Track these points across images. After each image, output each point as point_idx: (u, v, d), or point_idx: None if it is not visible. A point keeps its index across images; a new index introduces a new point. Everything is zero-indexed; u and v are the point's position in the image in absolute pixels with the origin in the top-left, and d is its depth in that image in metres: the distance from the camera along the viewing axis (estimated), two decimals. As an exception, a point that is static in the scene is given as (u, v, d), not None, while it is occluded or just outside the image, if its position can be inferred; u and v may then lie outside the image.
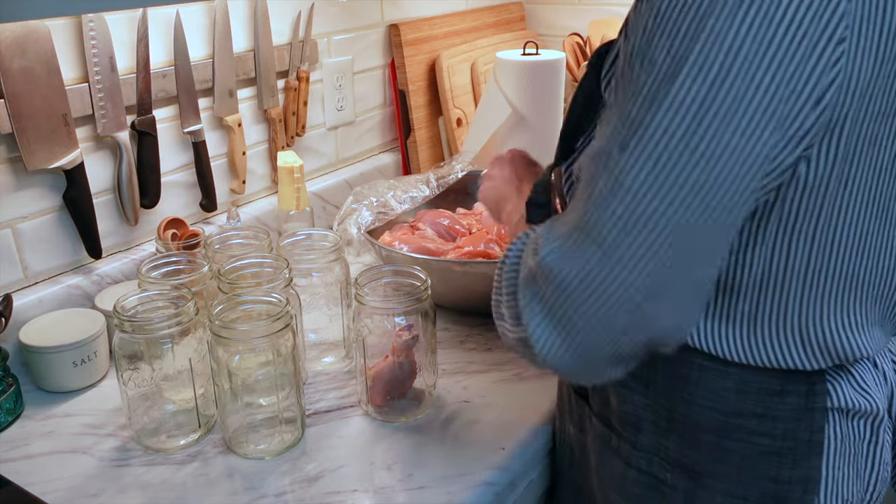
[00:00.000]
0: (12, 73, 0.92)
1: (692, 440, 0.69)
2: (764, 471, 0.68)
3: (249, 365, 0.81)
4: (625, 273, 0.54)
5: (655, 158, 0.52)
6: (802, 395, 0.66)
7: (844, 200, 0.59)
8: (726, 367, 0.66)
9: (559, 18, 1.85)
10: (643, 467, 0.73)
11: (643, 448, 0.72)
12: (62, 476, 0.80)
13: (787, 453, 0.67)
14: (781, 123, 0.52)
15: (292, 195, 1.15)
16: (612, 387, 0.74)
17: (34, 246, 1.02)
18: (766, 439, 0.67)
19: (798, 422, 0.66)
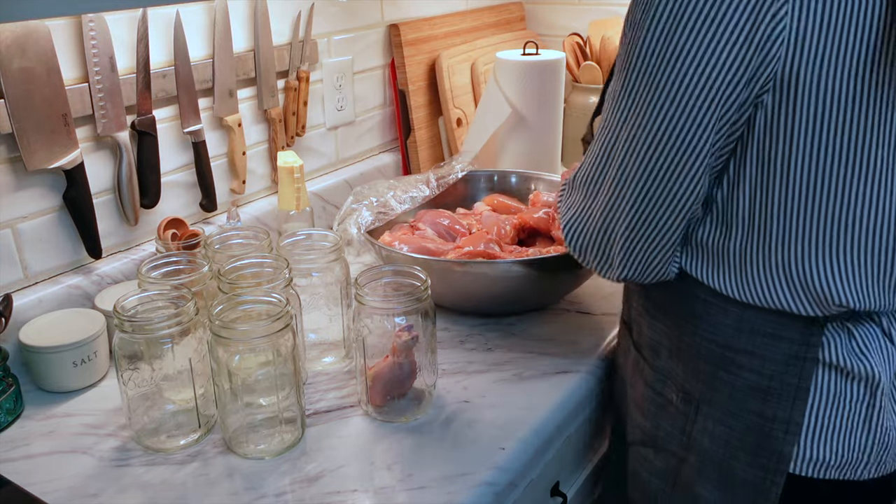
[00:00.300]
0: (12, 73, 0.92)
1: (693, 368, 0.79)
2: (750, 405, 0.75)
3: (249, 365, 0.81)
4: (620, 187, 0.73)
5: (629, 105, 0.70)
6: (795, 342, 0.71)
7: (819, 150, 0.65)
8: (726, 305, 0.75)
9: (559, 18, 1.85)
10: (658, 388, 0.84)
11: (659, 371, 0.84)
12: (62, 476, 0.80)
13: (773, 393, 0.73)
14: (730, 67, 0.63)
15: (292, 195, 1.15)
16: (643, 317, 0.87)
17: (34, 246, 1.02)
18: (754, 376, 0.74)
19: (787, 366, 0.72)
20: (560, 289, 1.12)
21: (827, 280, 0.68)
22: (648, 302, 0.87)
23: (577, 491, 1.04)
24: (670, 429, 0.84)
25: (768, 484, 0.76)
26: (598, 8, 1.78)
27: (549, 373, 0.97)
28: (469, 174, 1.36)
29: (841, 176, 0.65)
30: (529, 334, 1.06)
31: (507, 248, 1.13)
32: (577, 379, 0.95)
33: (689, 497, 0.83)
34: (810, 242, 0.68)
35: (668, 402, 0.83)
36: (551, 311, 1.12)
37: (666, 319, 0.83)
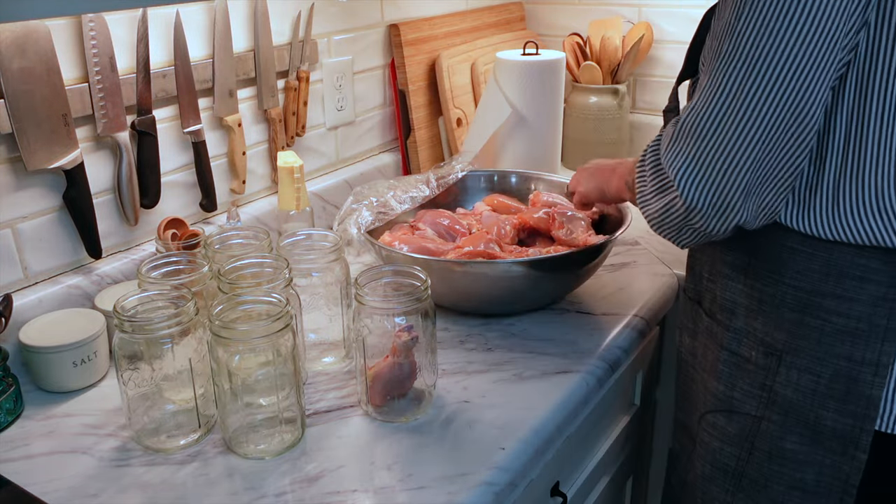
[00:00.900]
0: (12, 73, 0.92)
1: (777, 318, 0.80)
2: (839, 349, 0.76)
3: (249, 365, 0.81)
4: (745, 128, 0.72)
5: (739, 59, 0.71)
6: (884, 284, 0.73)
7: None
8: (814, 249, 0.76)
9: (559, 18, 1.85)
10: (733, 348, 0.84)
11: (735, 330, 0.85)
12: (62, 476, 0.80)
13: (862, 335, 0.74)
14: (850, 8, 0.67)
15: (292, 195, 1.15)
16: (718, 280, 0.87)
17: (34, 246, 1.02)
18: (843, 319, 0.75)
19: (875, 307, 0.74)
20: (560, 289, 1.12)
21: None
22: (725, 265, 0.87)
23: (577, 491, 1.04)
24: (748, 388, 0.84)
25: (857, 432, 0.76)
26: (598, 8, 1.78)
27: (549, 373, 0.97)
28: (469, 174, 1.36)
29: None
30: (529, 334, 1.06)
31: (507, 248, 1.13)
32: (577, 379, 0.95)
33: (772, 457, 0.83)
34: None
35: (745, 360, 0.84)
36: (551, 311, 1.12)
37: (745, 278, 0.83)
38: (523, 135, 1.50)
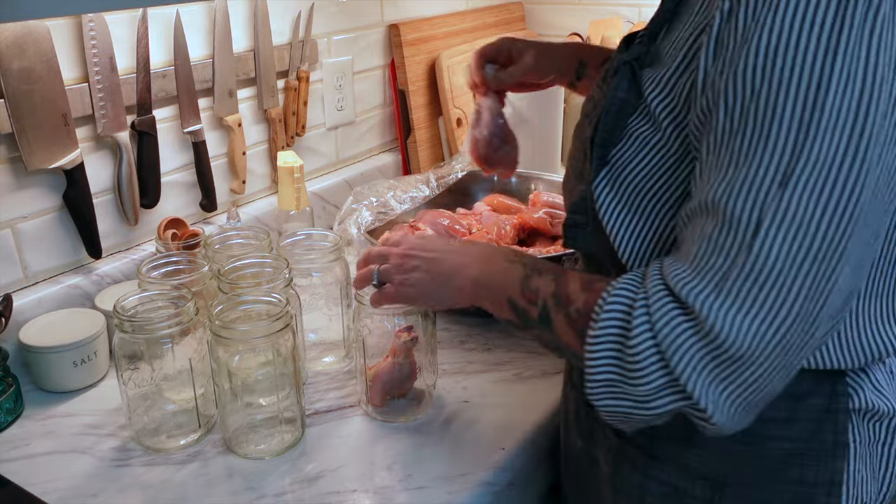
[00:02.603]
0: (12, 73, 0.92)
1: (716, 450, 0.67)
2: (789, 474, 0.67)
3: (249, 365, 0.81)
4: (812, 305, 0.53)
5: (822, 183, 0.51)
6: (826, 396, 0.65)
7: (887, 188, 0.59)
8: None
9: (559, 18, 1.85)
10: (663, 478, 0.71)
11: (661, 458, 0.70)
12: (62, 476, 0.80)
13: (811, 455, 0.66)
14: None
15: (292, 195, 1.15)
16: None
17: (34, 246, 1.02)
18: (791, 443, 0.66)
19: (820, 423, 0.66)
20: (560, 289, 1.12)
21: (881, 330, 0.64)
22: None
23: (577, 491, 1.05)
24: None
25: None
26: (598, 8, 1.78)
27: (549, 373, 0.97)
28: (469, 174, 1.35)
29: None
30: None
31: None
32: (577, 379, 0.96)
33: None
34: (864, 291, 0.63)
35: (681, 492, 0.70)
36: (551, 311, 1.12)
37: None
38: (523, 135, 1.49)
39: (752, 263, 0.52)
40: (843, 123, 0.50)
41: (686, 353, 0.55)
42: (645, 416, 0.59)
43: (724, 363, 0.54)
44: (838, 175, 0.51)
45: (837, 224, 0.51)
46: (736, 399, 0.56)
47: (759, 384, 0.55)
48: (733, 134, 0.54)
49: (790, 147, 0.51)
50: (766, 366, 0.54)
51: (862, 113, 0.50)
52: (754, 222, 0.52)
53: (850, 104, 0.50)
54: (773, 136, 0.52)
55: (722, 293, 0.53)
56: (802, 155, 0.51)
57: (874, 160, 0.51)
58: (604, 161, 0.65)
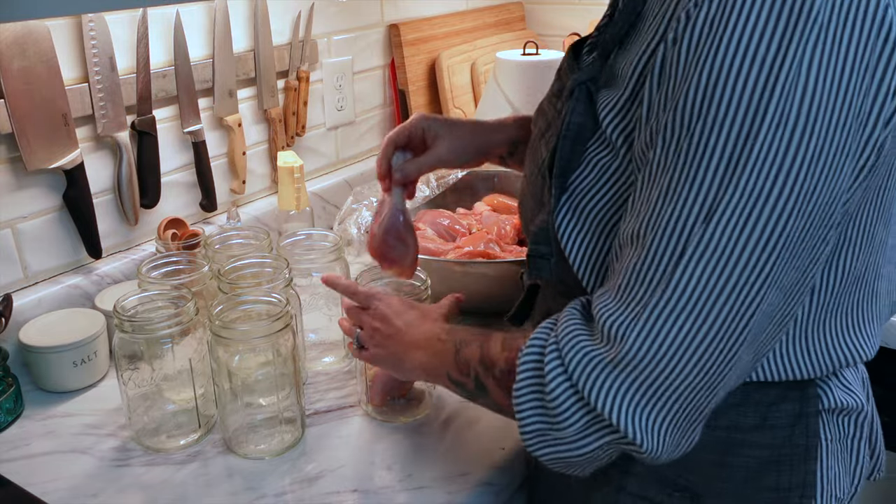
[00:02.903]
0: (12, 73, 0.92)
1: (691, 461, 0.66)
2: (765, 481, 0.67)
3: (249, 365, 0.81)
4: (730, 332, 0.53)
5: (745, 220, 0.51)
6: (797, 400, 0.66)
7: (861, 206, 0.59)
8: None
9: (559, 18, 1.85)
10: (637, 492, 0.70)
11: (637, 473, 0.70)
12: (62, 476, 0.80)
13: (785, 460, 0.67)
14: (857, 154, 0.52)
15: (292, 195, 1.15)
16: None
17: (34, 246, 1.02)
18: (766, 450, 0.66)
19: (793, 427, 0.66)
20: (560, 289, 1.12)
21: (848, 340, 0.64)
22: None
23: (577, 491, 1.04)
24: None
25: None
26: (598, 8, 1.78)
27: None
28: (469, 174, 1.35)
29: (872, 226, 0.61)
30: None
31: (507, 248, 1.13)
32: (577, 379, 0.95)
33: None
34: (832, 305, 0.63)
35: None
36: (551, 311, 1.12)
37: None
38: (523, 135, 1.50)
39: (671, 292, 0.53)
40: (773, 161, 0.50)
41: (603, 386, 0.55)
42: (582, 457, 0.59)
43: (643, 389, 0.54)
44: (763, 210, 0.51)
45: (759, 256, 0.51)
46: (662, 423, 0.55)
47: (684, 406, 0.55)
48: (665, 169, 0.54)
49: (717, 183, 0.51)
50: (686, 387, 0.54)
51: (792, 151, 0.50)
52: (677, 255, 0.53)
53: (780, 143, 0.50)
54: (702, 171, 0.51)
55: (640, 320, 0.54)
56: (728, 191, 0.51)
57: (806, 195, 0.51)
58: (563, 189, 0.64)
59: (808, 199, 0.51)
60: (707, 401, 0.56)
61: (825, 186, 0.51)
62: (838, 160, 0.51)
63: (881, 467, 0.77)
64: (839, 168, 0.51)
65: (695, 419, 0.57)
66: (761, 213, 0.51)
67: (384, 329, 0.78)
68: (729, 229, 0.51)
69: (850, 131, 0.51)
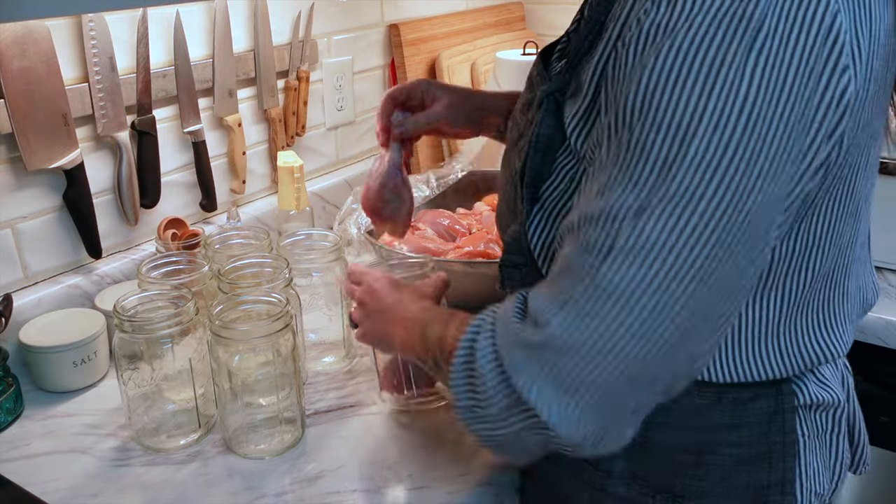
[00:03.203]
0: (12, 73, 0.92)
1: (669, 463, 0.68)
2: (743, 480, 0.67)
3: (249, 365, 0.81)
4: (655, 327, 0.53)
5: (676, 218, 0.51)
6: (771, 397, 0.66)
7: (826, 203, 0.59)
8: (702, 389, 0.65)
9: (559, 18, 1.85)
10: (621, 493, 0.70)
11: (618, 475, 0.70)
12: (62, 476, 0.80)
13: (763, 458, 0.67)
14: (799, 160, 0.52)
15: (292, 195, 1.15)
16: None
17: (34, 246, 1.02)
18: (741, 448, 0.67)
19: (769, 425, 0.66)
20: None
21: (821, 338, 0.65)
22: None
23: (577, 491, 1.04)
24: None
25: None
26: (598, 8, 1.78)
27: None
28: (469, 174, 1.35)
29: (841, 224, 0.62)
30: (529, 334, 1.06)
31: (507, 248, 1.13)
32: (577, 379, 0.95)
33: None
34: (804, 303, 0.63)
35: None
36: (551, 311, 1.12)
37: None
38: (523, 135, 1.50)
39: (596, 283, 0.53)
40: (708, 163, 0.50)
41: (524, 367, 0.55)
42: (507, 438, 0.59)
43: (562, 374, 0.54)
44: (695, 210, 0.51)
45: (688, 255, 0.51)
46: (577, 411, 0.55)
47: (603, 399, 0.54)
48: (604, 166, 0.54)
49: (651, 180, 0.51)
50: (605, 380, 0.54)
51: (729, 154, 0.50)
52: (606, 247, 0.53)
53: (716, 146, 0.50)
54: (638, 169, 0.52)
55: (564, 308, 0.54)
56: (661, 189, 0.51)
57: (741, 198, 0.51)
58: (535, 199, 0.65)
59: (743, 202, 0.51)
60: (631, 397, 0.55)
61: (761, 190, 0.51)
62: (777, 165, 0.51)
63: (866, 461, 0.78)
64: (777, 172, 0.51)
65: (618, 414, 0.56)
66: (693, 213, 0.51)
67: (371, 304, 0.79)
68: (659, 226, 0.51)
69: (792, 136, 0.51)
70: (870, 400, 1.10)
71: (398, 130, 0.87)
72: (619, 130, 0.53)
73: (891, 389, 1.11)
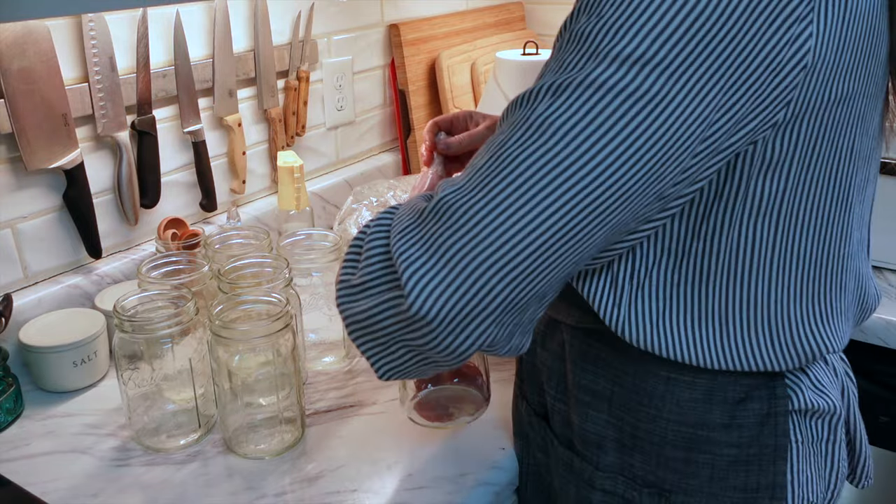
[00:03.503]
0: (12, 73, 0.93)
1: (659, 457, 0.68)
2: (732, 481, 0.67)
3: (249, 365, 0.81)
4: (541, 217, 0.51)
5: (591, 106, 0.50)
6: (765, 399, 0.66)
7: (807, 184, 0.59)
8: (694, 377, 0.65)
9: (559, 18, 1.85)
10: (608, 488, 0.71)
11: (607, 468, 0.70)
12: (62, 476, 0.80)
13: (754, 460, 0.66)
14: (727, 98, 0.51)
15: (292, 195, 1.15)
16: (574, 405, 0.72)
17: (34, 246, 1.02)
18: (733, 449, 0.66)
19: (762, 427, 0.66)
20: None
21: (812, 327, 0.64)
22: (578, 388, 0.71)
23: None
24: None
25: None
26: (598, 8, 1.78)
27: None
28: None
29: (828, 211, 0.61)
30: (529, 334, 1.06)
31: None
32: (577, 379, 0.95)
33: None
34: (797, 287, 0.62)
35: (626, 501, 0.70)
36: (551, 311, 1.12)
37: (611, 408, 0.69)
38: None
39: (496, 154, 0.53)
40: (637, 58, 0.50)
41: (403, 234, 0.55)
42: (364, 314, 0.58)
43: (439, 247, 0.53)
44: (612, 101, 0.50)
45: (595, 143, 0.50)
46: (446, 290, 0.52)
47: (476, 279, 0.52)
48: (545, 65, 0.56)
49: (579, 66, 0.51)
50: (482, 255, 0.52)
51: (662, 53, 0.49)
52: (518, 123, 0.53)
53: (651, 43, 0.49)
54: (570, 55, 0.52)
55: (462, 180, 0.54)
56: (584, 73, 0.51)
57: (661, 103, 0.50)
58: None
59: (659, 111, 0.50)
60: (497, 284, 0.52)
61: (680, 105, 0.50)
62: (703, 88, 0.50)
63: (868, 475, 0.77)
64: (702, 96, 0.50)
65: (481, 301, 0.53)
66: (608, 105, 0.50)
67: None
68: (573, 107, 0.50)
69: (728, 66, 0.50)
70: (870, 400, 1.10)
71: (442, 146, 0.89)
72: (564, 33, 0.54)
73: (891, 389, 1.11)
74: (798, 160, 0.57)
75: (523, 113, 0.53)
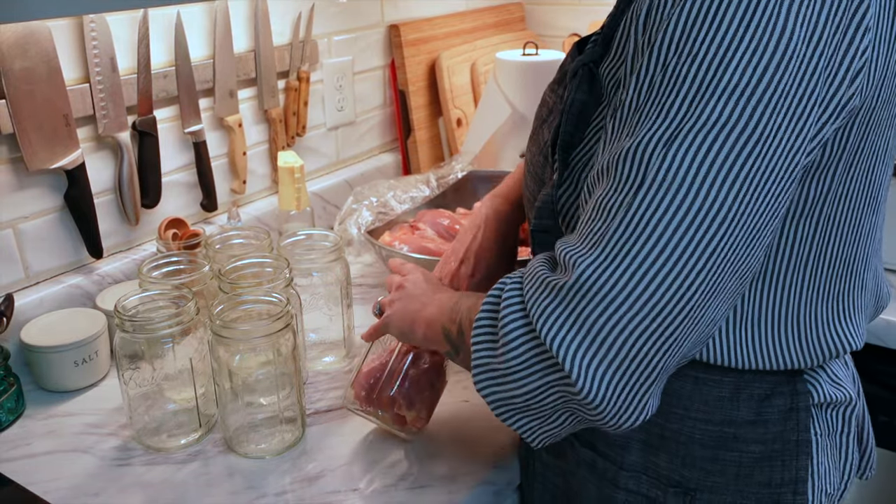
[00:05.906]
0: (14, 73, 0.93)
1: (685, 456, 0.68)
2: (758, 477, 0.67)
3: (250, 364, 0.81)
4: (687, 268, 0.51)
5: (707, 148, 0.50)
6: (787, 395, 0.66)
7: (847, 185, 0.60)
8: (722, 377, 0.65)
9: (559, 18, 1.85)
10: (632, 487, 0.70)
11: (631, 468, 0.70)
12: (63, 475, 0.81)
13: (777, 456, 0.67)
14: (823, 105, 0.52)
15: (293, 195, 1.16)
16: None
17: (35, 246, 1.02)
18: (759, 446, 0.66)
19: (785, 423, 0.66)
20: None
21: (837, 329, 0.64)
22: None
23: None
24: None
25: None
26: (598, 8, 1.78)
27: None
28: (469, 174, 1.36)
29: (862, 210, 0.62)
30: (529, 334, 1.06)
31: (507, 248, 1.13)
32: (577, 379, 0.95)
33: None
34: (826, 286, 0.63)
35: (650, 501, 0.70)
36: (551, 310, 1.12)
37: None
38: (523, 135, 1.50)
39: (628, 220, 0.51)
40: (742, 93, 0.50)
41: (551, 314, 0.53)
42: (525, 398, 0.57)
43: (590, 321, 0.52)
44: (727, 139, 0.50)
45: (721, 186, 0.50)
46: (605, 367, 0.52)
47: (630, 351, 0.52)
48: (636, 109, 0.54)
49: (684, 109, 0.51)
50: (634, 327, 0.51)
51: (763, 86, 0.50)
52: (637, 182, 0.52)
53: (753, 73, 0.50)
54: (670, 100, 0.51)
55: (595, 250, 0.52)
56: (693, 116, 0.50)
57: (773, 131, 0.50)
58: (566, 164, 0.64)
59: (773, 136, 0.50)
60: (656, 353, 0.53)
61: (790, 127, 0.51)
62: (805, 104, 0.51)
63: (872, 466, 0.78)
64: (805, 112, 0.51)
65: (643, 374, 0.53)
66: (724, 143, 0.50)
67: (411, 288, 0.79)
68: (690, 155, 0.50)
69: (819, 80, 0.51)
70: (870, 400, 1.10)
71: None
72: (652, 71, 0.53)
73: (891, 389, 1.11)
74: (843, 162, 0.58)
75: (640, 170, 0.52)
